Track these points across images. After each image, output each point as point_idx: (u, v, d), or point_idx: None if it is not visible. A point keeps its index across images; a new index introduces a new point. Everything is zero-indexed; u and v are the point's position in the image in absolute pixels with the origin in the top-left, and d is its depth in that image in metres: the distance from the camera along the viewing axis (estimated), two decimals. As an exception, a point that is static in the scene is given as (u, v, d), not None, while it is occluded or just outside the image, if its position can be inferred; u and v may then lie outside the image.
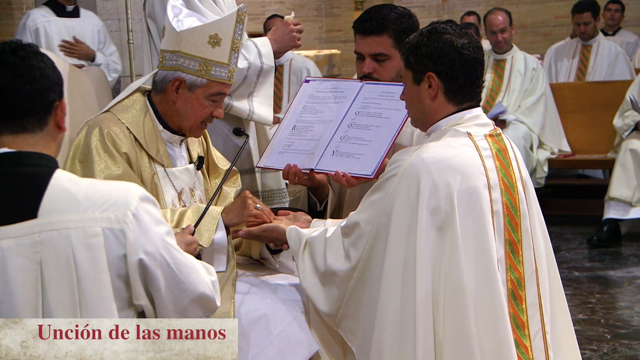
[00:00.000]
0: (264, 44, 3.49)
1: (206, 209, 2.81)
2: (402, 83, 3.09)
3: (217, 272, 2.76)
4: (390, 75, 3.22)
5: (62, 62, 3.73)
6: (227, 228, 2.88)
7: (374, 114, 3.13)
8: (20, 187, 1.98)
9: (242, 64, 3.33)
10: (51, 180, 1.99)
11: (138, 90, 3.00)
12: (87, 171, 2.78)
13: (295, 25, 3.56)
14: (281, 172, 3.21)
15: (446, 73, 2.64)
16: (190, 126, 2.94)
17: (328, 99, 3.27)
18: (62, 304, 1.98)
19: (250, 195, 2.93)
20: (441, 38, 2.64)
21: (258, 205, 2.90)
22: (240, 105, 3.38)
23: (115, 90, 5.13)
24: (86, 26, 5.91)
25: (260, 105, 3.48)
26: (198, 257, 2.64)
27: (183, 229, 2.73)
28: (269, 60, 3.48)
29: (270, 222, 2.92)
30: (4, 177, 1.99)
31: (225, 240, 2.86)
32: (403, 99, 2.79)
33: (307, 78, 3.42)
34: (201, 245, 2.78)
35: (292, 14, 3.67)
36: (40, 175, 2.00)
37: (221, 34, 2.85)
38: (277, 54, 3.57)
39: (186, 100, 2.89)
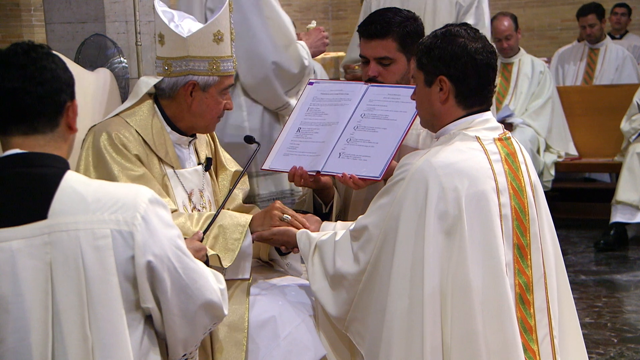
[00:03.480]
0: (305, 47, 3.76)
1: (216, 214, 2.81)
2: (407, 85, 3.10)
3: (242, 278, 2.80)
4: (395, 78, 3.22)
5: (73, 64, 3.74)
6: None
7: (380, 116, 3.13)
8: (30, 188, 1.99)
9: (306, 62, 3.60)
10: (61, 181, 2.00)
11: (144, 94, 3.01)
12: (104, 174, 2.78)
13: (323, 32, 3.84)
14: (286, 174, 3.21)
15: (458, 77, 2.63)
16: (207, 124, 2.97)
17: (333, 101, 3.27)
18: (71, 305, 1.98)
19: (277, 206, 2.94)
20: (455, 41, 2.64)
21: (285, 216, 2.91)
22: (292, 102, 3.50)
23: (123, 93, 5.12)
24: None
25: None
26: (206, 263, 2.64)
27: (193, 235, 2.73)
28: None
29: (299, 229, 2.91)
30: (15, 178, 2.00)
31: (251, 248, 2.89)
32: (414, 99, 2.79)
33: (311, 80, 3.42)
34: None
35: (314, 23, 3.79)
36: (51, 176, 2.00)
37: (222, 29, 2.89)
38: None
39: (201, 101, 2.91)
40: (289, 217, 2.92)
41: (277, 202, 2.98)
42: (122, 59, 5.03)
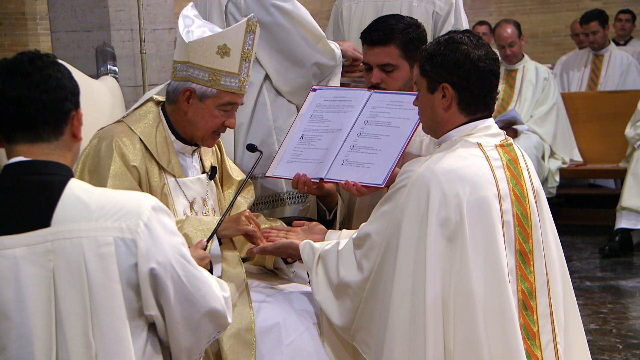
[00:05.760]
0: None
1: (220, 222, 2.81)
2: (410, 92, 3.11)
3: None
4: (397, 85, 3.23)
5: (79, 72, 3.75)
6: (219, 239, 2.87)
7: (383, 123, 3.13)
8: (34, 195, 2.00)
9: (337, 52, 3.54)
10: (65, 189, 2.01)
11: (151, 100, 3.02)
12: (98, 179, 2.79)
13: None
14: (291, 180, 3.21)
15: (461, 84, 2.63)
16: (202, 136, 2.95)
17: (336, 108, 3.27)
18: (74, 312, 1.98)
19: (246, 214, 2.92)
20: (458, 48, 2.64)
21: (252, 226, 2.89)
22: None
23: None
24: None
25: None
26: (210, 271, 2.64)
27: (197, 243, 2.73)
28: None
29: (257, 244, 2.91)
30: (19, 186, 2.01)
31: (218, 250, 2.86)
32: (416, 105, 2.80)
33: (314, 87, 3.42)
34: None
35: None
36: (54, 184, 2.01)
37: (230, 44, 2.86)
38: None
39: (197, 110, 2.90)
40: (254, 227, 2.89)
41: (246, 210, 2.97)
42: (111, 67, 5.02)
